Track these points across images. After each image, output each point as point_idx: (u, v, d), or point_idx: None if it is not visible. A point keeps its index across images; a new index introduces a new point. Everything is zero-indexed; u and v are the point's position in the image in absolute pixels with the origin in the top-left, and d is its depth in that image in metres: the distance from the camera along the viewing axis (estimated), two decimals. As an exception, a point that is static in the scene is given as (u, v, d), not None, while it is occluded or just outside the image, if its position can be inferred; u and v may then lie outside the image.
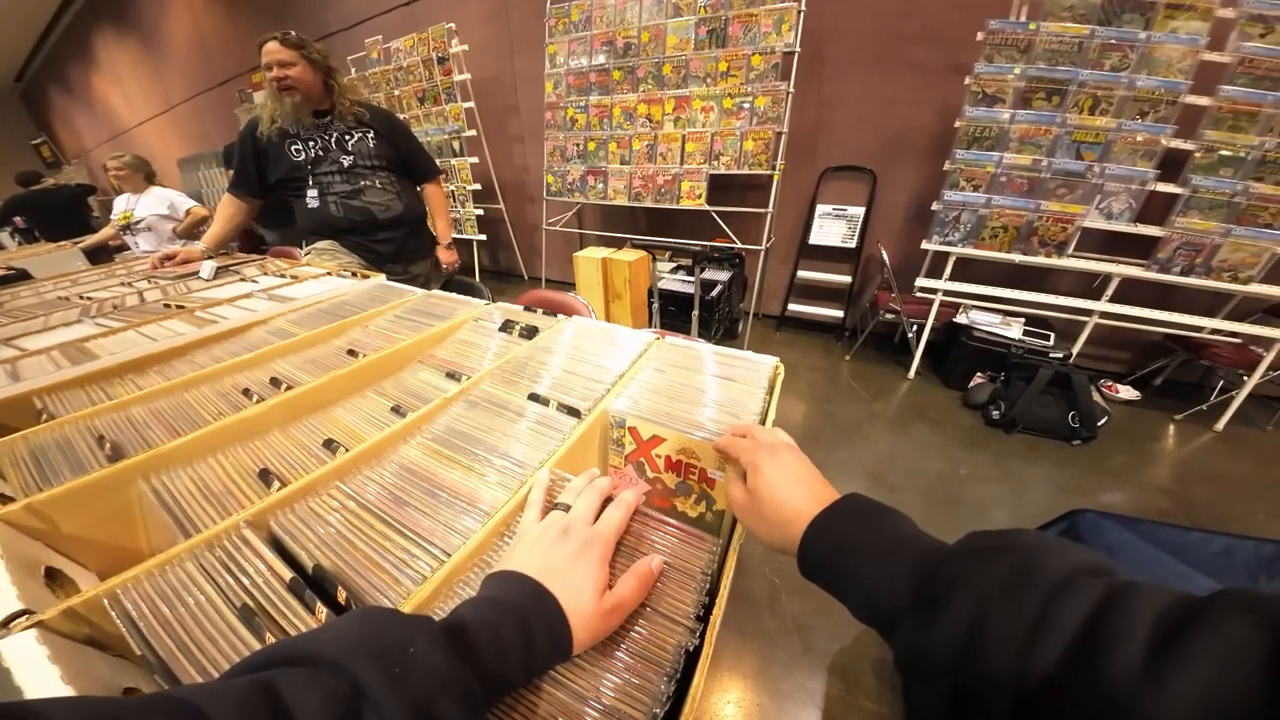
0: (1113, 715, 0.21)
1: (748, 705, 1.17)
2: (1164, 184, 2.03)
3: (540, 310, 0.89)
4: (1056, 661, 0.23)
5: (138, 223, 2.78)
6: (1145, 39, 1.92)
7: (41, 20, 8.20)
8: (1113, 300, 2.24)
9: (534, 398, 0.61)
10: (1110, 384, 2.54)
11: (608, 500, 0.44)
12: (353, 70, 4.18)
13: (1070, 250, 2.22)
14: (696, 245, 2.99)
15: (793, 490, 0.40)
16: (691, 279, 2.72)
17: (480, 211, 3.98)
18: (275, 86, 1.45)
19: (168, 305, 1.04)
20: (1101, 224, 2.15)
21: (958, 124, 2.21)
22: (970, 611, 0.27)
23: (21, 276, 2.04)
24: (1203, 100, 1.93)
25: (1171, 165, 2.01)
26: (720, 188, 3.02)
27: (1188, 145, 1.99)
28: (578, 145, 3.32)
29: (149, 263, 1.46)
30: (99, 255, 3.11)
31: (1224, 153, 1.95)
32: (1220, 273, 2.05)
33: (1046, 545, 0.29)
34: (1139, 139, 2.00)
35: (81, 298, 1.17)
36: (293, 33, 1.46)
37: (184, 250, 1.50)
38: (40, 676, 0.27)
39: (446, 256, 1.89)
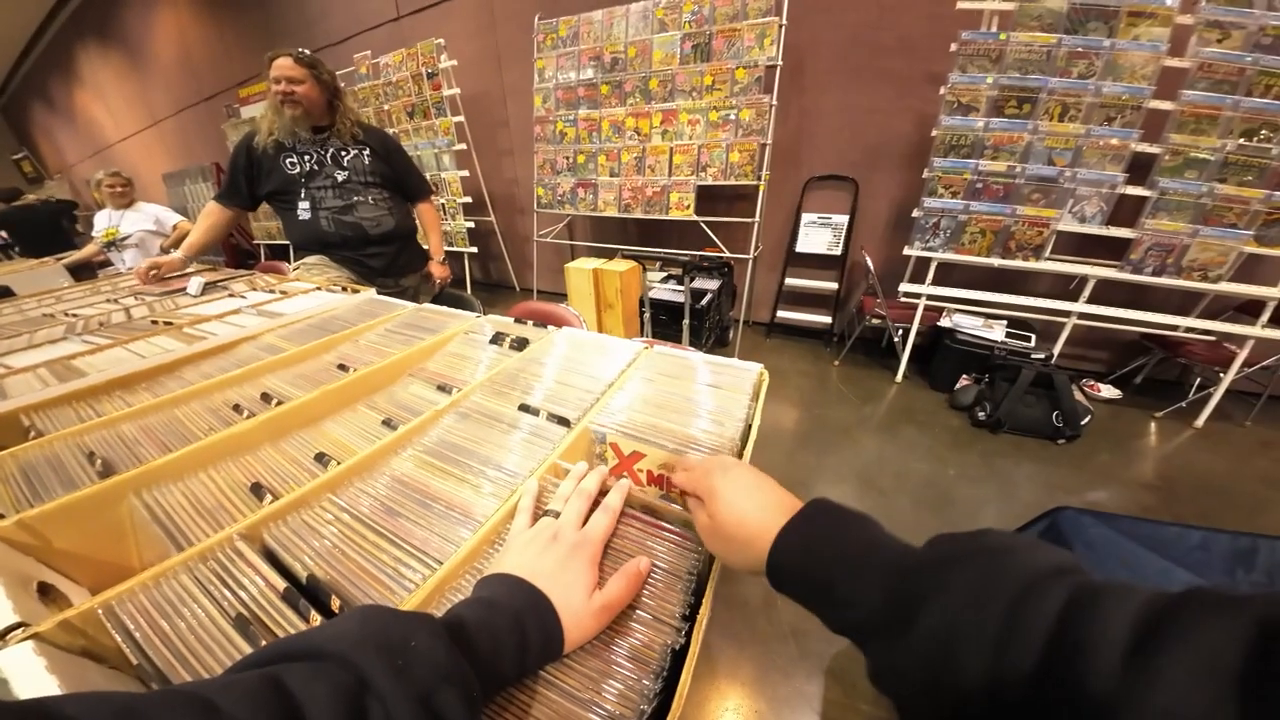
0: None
1: (746, 711, 1.17)
2: (1133, 187, 2.10)
3: (531, 322, 0.91)
4: (1027, 672, 0.23)
5: (125, 239, 2.75)
6: (1110, 46, 2.00)
7: (24, 35, 8.14)
8: (1089, 301, 2.30)
9: (524, 408, 0.62)
10: (1092, 383, 2.60)
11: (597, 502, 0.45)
12: (342, 87, 4.20)
13: (1047, 253, 2.28)
14: (686, 255, 3.03)
15: (751, 505, 0.38)
16: (682, 288, 2.75)
17: (471, 224, 3.99)
18: (279, 99, 1.48)
19: (155, 322, 1.03)
20: (1075, 227, 2.21)
21: (934, 133, 2.27)
22: (938, 628, 0.27)
23: (3, 294, 2.01)
24: (1166, 105, 2.00)
25: (1139, 169, 2.08)
26: (708, 198, 3.06)
27: (1154, 149, 2.06)
28: (567, 158, 3.36)
29: (137, 275, 1.46)
30: (81, 272, 3.07)
31: (1191, 154, 2.02)
32: (1191, 272, 2.11)
33: (1011, 548, 0.28)
34: (1113, 142, 2.07)
35: (66, 314, 1.16)
36: (307, 52, 1.52)
37: (165, 261, 1.50)
38: (39, 686, 0.28)
39: (440, 272, 1.90)
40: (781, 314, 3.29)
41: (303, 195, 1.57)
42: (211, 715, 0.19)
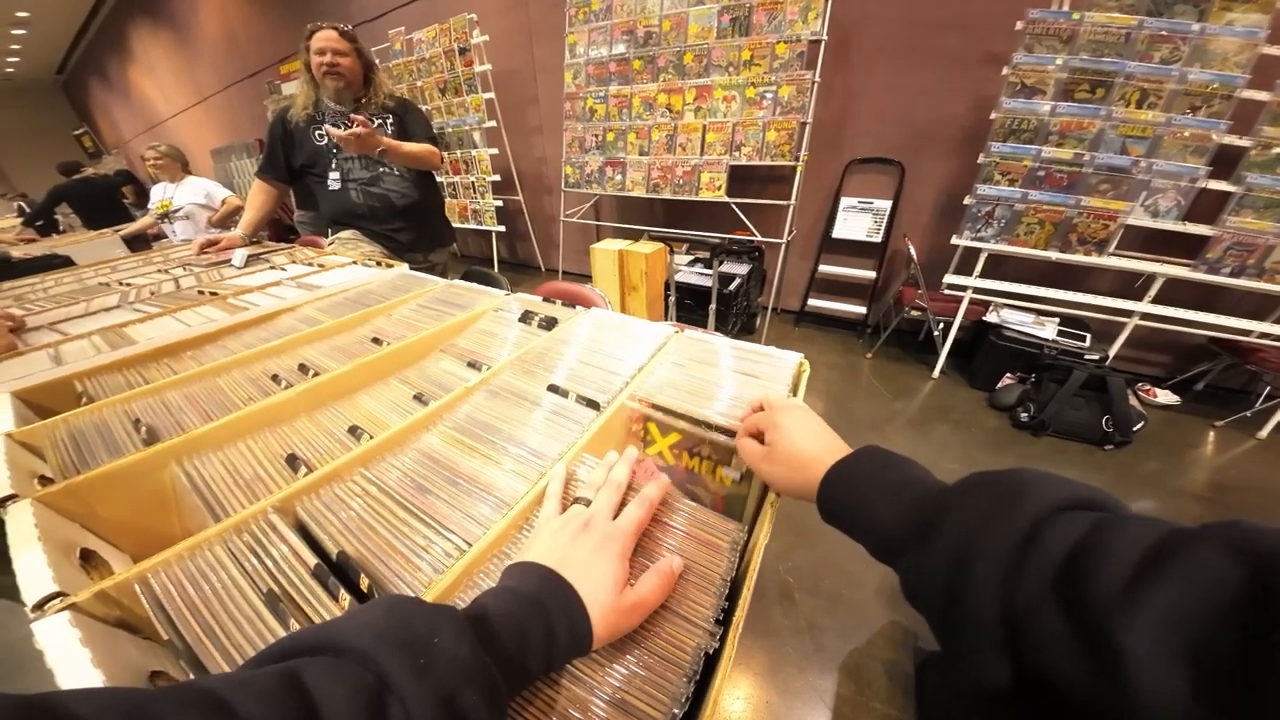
0: (1089, 637, 0.22)
1: (757, 702, 1.16)
2: (1216, 181, 1.92)
3: (558, 301, 0.89)
4: (1040, 583, 0.24)
5: (176, 211, 2.87)
6: (1199, 31, 1.81)
7: (80, 12, 8.50)
8: (1155, 301, 2.14)
9: (553, 389, 0.61)
10: (1148, 388, 2.44)
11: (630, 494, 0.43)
12: (376, 61, 4.23)
13: (1111, 248, 2.12)
14: (715, 238, 2.95)
15: (809, 440, 0.43)
16: (709, 272, 2.69)
17: (499, 203, 4.00)
18: (323, 71, 1.50)
19: (202, 292, 1.07)
20: (1146, 221, 2.04)
21: (994, 116, 2.12)
22: (960, 534, 0.29)
23: (65, 263, 2.13)
24: (1261, 95, 1.82)
25: (1224, 162, 1.90)
26: (741, 179, 2.97)
27: (1243, 141, 1.88)
28: (596, 136, 3.30)
29: (193, 248, 1.52)
30: (137, 243, 3.23)
31: (1282, 149, 1.84)
32: (1273, 274, 1.93)
33: (1041, 479, 0.30)
34: (1188, 134, 1.89)
35: (121, 284, 1.22)
36: (350, 27, 1.55)
37: (226, 237, 1.56)
38: (71, 659, 0.28)
39: (363, 133, 1.37)
40: (813, 302, 3.19)
41: (333, 166, 1.60)
42: (225, 715, 0.18)
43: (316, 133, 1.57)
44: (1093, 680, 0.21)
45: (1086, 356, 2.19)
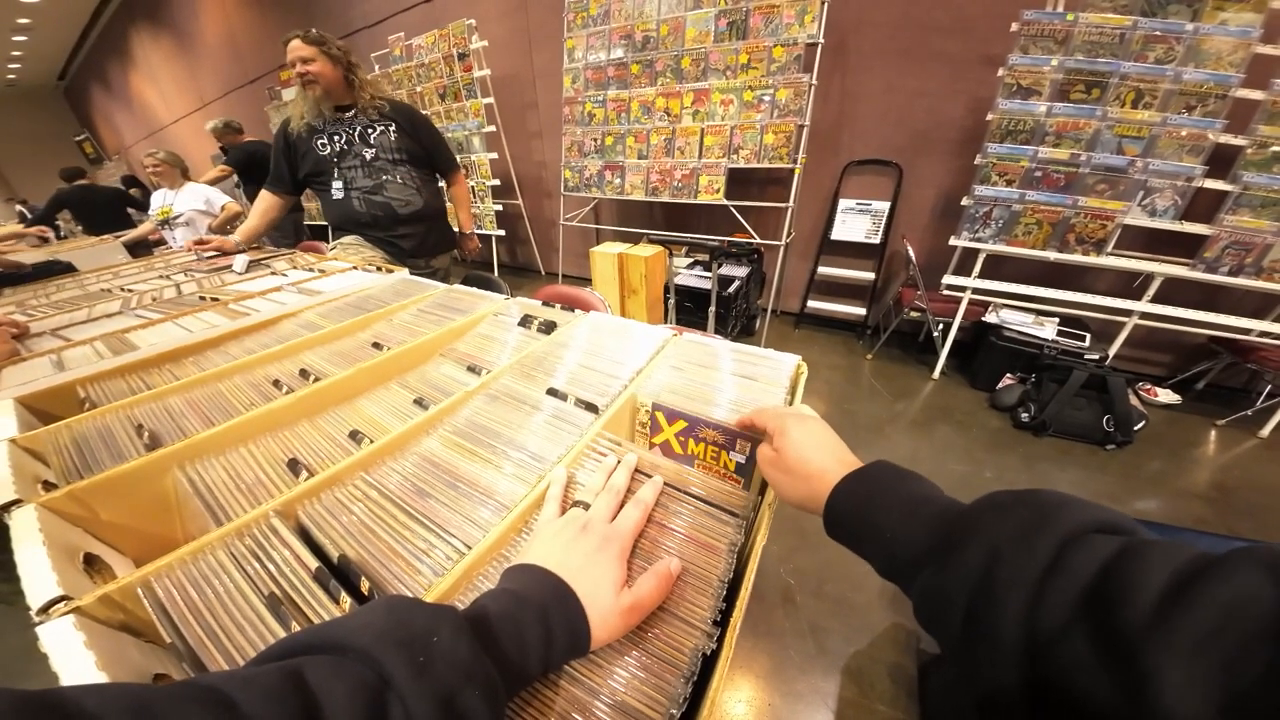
0: (1118, 659, 0.21)
1: (759, 704, 1.16)
2: (1212, 180, 1.93)
3: (558, 305, 0.90)
4: (1067, 606, 0.24)
5: (176, 217, 2.87)
6: (1193, 31, 1.83)
7: (81, 18, 8.52)
8: (1154, 300, 2.14)
9: (552, 392, 0.61)
10: (1149, 387, 2.43)
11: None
12: (376, 67, 4.25)
13: (1109, 248, 2.12)
14: (714, 240, 2.96)
15: (818, 451, 0.42)
16: (708, 274, 2.69)
17: (499, 207, 4.01)
18: (300, 81, 1.50)
19: (203, 298, 1.07)
20: (1144, 221, 2.05)
21: (990, 117, 2.13)
22: (984, 556, 0.28)
23: (67, 269, 2.13)
24: (1256, 94, 1.83)
25: (1221, 161, 1.91)
26: (739, 182, 2.98)
27: (1239, 140, 1.89)
28: (595, 140, 3.31)
29: (185, 244, 1.53)
30: (138, 249, 3.23)
31: (1278, 148, 1.84)
32: (1272, 273, 1.93)
33: (1065, 501, 0.30)
34: (1184, 134, 1.90)
35: (123, 290, 1.22)
36: (314, 30, 1.52)
37: (219, 239, 1.56)
38: (76, 662, 0.28)
39: (470, 245, 2.02)
40: (812, 304, 3.19)
41: (335, 175, 1.60)
42: (228, 712, 0.19)
43: (318, 141, 1.58)
44: (1119, 701, 0.21)
45: (1086, 356, 2.19)
